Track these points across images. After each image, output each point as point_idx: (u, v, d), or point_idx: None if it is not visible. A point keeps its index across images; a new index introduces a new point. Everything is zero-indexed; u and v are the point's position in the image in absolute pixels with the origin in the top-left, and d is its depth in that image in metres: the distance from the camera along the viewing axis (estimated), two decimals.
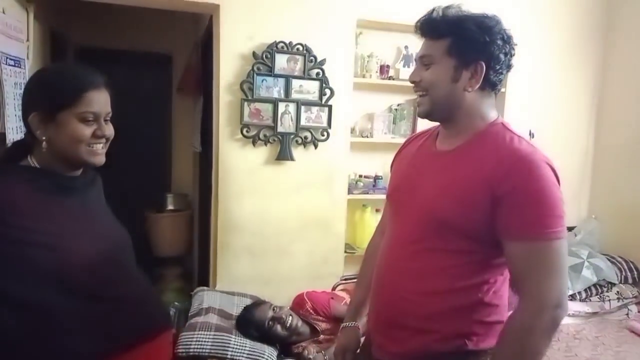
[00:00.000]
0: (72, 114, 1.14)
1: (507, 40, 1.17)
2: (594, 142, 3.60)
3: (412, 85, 1.24)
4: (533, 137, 3.40)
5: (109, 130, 1.22)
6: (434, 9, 1.20)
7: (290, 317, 2.22)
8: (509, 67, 1.20)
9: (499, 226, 1.09)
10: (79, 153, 1.17)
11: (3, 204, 1.07)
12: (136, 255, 1.31)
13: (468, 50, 1.14)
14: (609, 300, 3.03)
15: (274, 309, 2.22)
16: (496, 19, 1.18)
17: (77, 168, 1.24)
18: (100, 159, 1.22)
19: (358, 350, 1.43)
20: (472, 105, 1.18)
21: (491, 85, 1.19)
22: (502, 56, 1.16)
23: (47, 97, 1.14)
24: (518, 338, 1.06)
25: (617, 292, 3.06)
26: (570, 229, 3.47)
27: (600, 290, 3.06)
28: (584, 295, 3.03)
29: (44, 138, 1.13)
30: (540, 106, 3.40)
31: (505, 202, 1.07)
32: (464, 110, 1.19)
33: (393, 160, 1.45)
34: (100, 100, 1.19)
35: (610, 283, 3.08)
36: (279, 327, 2.18)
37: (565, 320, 2.81)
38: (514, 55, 1.20)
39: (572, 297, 3.00)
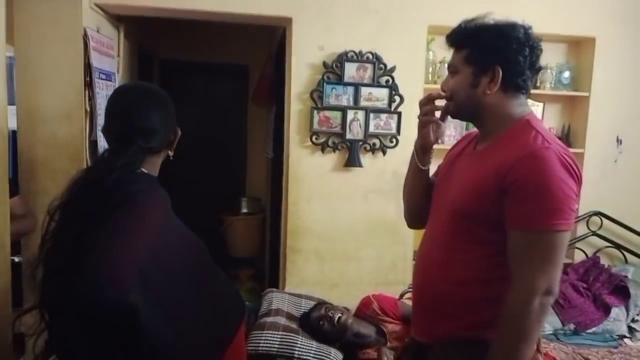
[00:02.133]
0: None
1: (526, 42, 1.23)
2: None
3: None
4: (621, 143, 3.19)
5: None
6: (461, 22, 1.29)
7: (341, 313, 2.25)
8: (532, 68, 1.25)
9: (504, 214, 1.17)
10: None
11: (167, 208, 1.24)
12: (214, 255, 1.40)
13: (484, 57, 1.24)
14: None
15: (326, 308, 2.27)
16: (513, 25, 1.24)
17: None
18: None
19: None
20: (497, 106, 1.26)
21: (514, 86, 1.25)
22: (520, 58, 1.22)
23: (175, 117, 1.35)
24: (512, 322, 1.14)
25: None
26: None
27: None
28: None
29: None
30: (629, 110, 3.17)
31: (509, 193, 1.15)
32: (488, 111, 1.27)
33: (442, 162, 1.52)
34: None
35: None
36: (326, 325, 2.22)
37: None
38: (536, 57, 1.25)
39: None
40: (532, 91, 3.14)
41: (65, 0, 2.30)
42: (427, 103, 1.39)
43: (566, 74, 3.14)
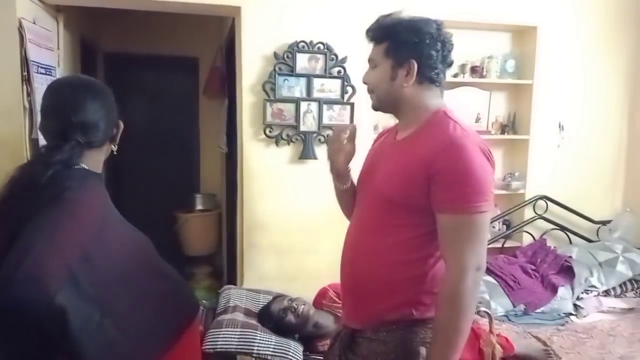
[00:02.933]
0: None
1: (438, 37, 1.31)
2: (627, 132, 3.48)
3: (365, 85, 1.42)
4: (563, 129, 3.33)
5: None
6: (379, 17, 1.37)
7: (303, 305, 2.26)
8: (444, 62, 1.34)
9: (432, 201, 1.24)
10: None
11: (104, 206, 1.20)
12: (167, 254, 1.36)
13: (400, 51, 1.31)
14: None
15: (288, 300, 2.27)
16: (426, 20, 1.32)
17: None
18: None
19: None
20: (413, 98, 1.34)
21: (428, 79, 1.33)
22: (433, 53, 1.30)
23: (116, 109, 1.31)
24: (449, 300, 1.21)
25: None
26: (604, 222, 3.38)
27: (636, 286, 2.96)
28: (619, 290, 2.95)
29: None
30: (570, 97, 3.32)
31: (436, 180, 1.22)
32: (406, 103, 1.35)
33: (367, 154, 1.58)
34: None
35: None
36: (291, 316, 2.22)
37: (599, 317, 2.78)
38: (448, 51, 1.34)
39: (607, 293, 2.93)
40: (479, 80, 3.26)
41: None
42: (336, 134, 1.48)
43: (511, 62, 3.25)
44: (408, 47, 1.30)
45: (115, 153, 1.32)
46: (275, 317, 2.23)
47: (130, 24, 3.86)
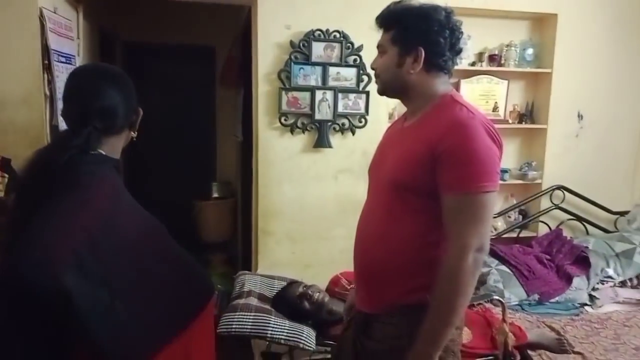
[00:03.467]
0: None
1: (446, 25, 1.31)
2: None
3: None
4: (582, 118, 3.29)
5: None
6: (389, 4, 1.37)
7: (319, 292, 2.29)
8: (452, 50, 1.33)
9: (437, 181, 1.25)
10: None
11: (116, 191, 1.21)
12: (184, 241, 1.38)
13: (408, 38, 1.31)
14: None
15: (303, 287, 2.30)
16: (435, 7, 1.32)
17: None
18: None
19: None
20: (421, 85, 1.35)
21: (436, 66, 1.33)
22: (441, 40, 1.30)
23: (135, 96, 1.31)
24: (448, 277, 1.22)
25: None
26: (622, 213, 3.33)
27: None
28: (635, 281, 2.91)
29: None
30: (589, 86, 3.27)
31: (441, 160, 1.23)
32: (413, 89, 1.36)
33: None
34: None
35: None
36: (306, 303, 2.25)
37: (615, 307, 2.75)
38: (456, 39, 1.33)
39: (623, 284, 2.90)
40: (497, 68, 3.22)
41: None
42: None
43: (529, 51, 3.20)
44: (416, 34, 1.30)
45: (134, 140, 1.34)
46: (290, 303, 2.26)
47: (148, 13, 3.89)
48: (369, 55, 2.75)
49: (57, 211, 1.07)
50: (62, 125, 2.31)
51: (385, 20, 1.36)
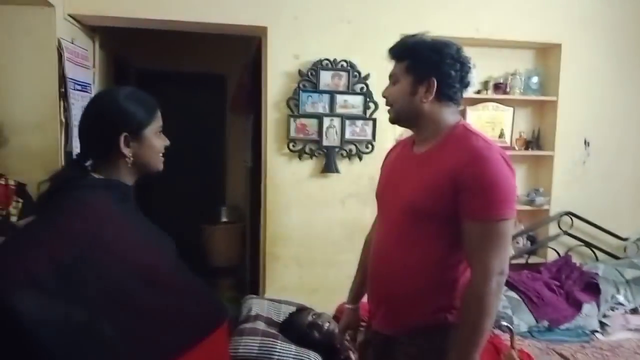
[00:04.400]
0: (152, 131, 1.32)
1: (457, 59, 1.38)
2: None
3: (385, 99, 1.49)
4: (589, 145, 3.30)
5: (167, 140, 1.41)
6: (402, 37, 1.45)
7: (328, 323, 2.27)
8: (462, 83, 1.41)
9: (459, 210, 1.31)
10: (156, 163, 1.36)
11: (100, 216, 1.17)
12: (193, 265, 1.38)
13: (422, 68, 1.38)
14: None
15: (313, 315, 2.28)
16: (447, 42, 1.40)
17: (140, 178, 1.37)
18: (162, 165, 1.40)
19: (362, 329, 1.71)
20: (432, 114, 1.41)
21: (447, 97, 1.40)
22: (452, 72, 1.38)
23: (134, 118, 1.28)
24: (474, 301, 1.28)
25: None
26: (633, 240, 3.31)
27: None
28: None
29: (130, 155, 1.28)
30: (595, 113, 3.29)
31: (463, 190, 1.29)
32: (425, 118, 1.42)
33: (381, 167, 1.65)
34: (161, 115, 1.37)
35: None
36: (315, 333, 2.23)
37: (626, 335, 2.72)
38: (466, 73, 1.40)
39: (634, 311, 2.87)
40: (502, 96, 3.27)
41: (39, 11, 2.30)
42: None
43: (534, 79, 3.25)
44: (429, 65, 1.37)
45: (129, 166, 1.29)
46: (300, 332, 2.23)
47: (162, 43, 4.00)
48: (376, 83, 2.82)
49: (23, 233, 1.10)
50: (76, 151, 2.39)
51: (399, 51, 1.43)
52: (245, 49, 4.11)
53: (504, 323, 2.43)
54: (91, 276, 1.11)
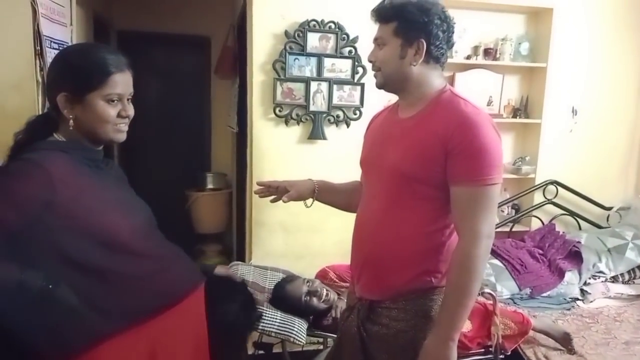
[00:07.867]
0: (98, 96, 1.21)
1: (444, 19, 1.36)
2: None
3: (370, 64, 1.44)
4: (576, 114, 3.29)
5: (132, 110, 1.28)
6: None
7: (325, 290, 2.26)
8: (449, 43, 1.39)
9: (448, 174, 1.32)
10: (105, 132, 1.24)
11: (54, 179, 1.13)
12: (178, 231, 1.36)
13: (410, 30, 1.34)
14: None
15: (307, 283, 2.26)
16: (434, 2, 1.37)
17: (100, 145, 1.31)
18: (123, 137, 1.29)
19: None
20: (420, 77, 1.39)
21: (434, 58, 1.38)
22: (440, 33, 1.35)
23: (75, 79, 1.19)
24: (461, 263, 1.29)
25: None
26: (615, 209, 3.34)
27: None
28: (627, 277, 2.95)
29: (71, 117, 1.20)
30: (585, 81, 3.27)
31: (452, 154, 1.29)
32: (413, 81, 1.39)
33: (365, 134, 1.63)
34: (123, 82, 1.24)
35: None
36: (315, 300, 2.21)
37: (606, 302, 2.77)
38: (452, 33, 1.38)
39: (615, 279, 2.92)
40: (492, 62, 3.22)
41: None
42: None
43: (525, 45, 3.20)
44: (418, 27, 1.34)
45: (71, 128, 1.22)
46: (298, 303, 2.19)
47: (144, 2, 3.86)
48: (365, 47, 2.75)
49: None
50: None
51: (385, 13, 1.38)
52: (230, 9, 3.98)
53: (487, 290, 2.45)
54: (45, 241, 1.10)
